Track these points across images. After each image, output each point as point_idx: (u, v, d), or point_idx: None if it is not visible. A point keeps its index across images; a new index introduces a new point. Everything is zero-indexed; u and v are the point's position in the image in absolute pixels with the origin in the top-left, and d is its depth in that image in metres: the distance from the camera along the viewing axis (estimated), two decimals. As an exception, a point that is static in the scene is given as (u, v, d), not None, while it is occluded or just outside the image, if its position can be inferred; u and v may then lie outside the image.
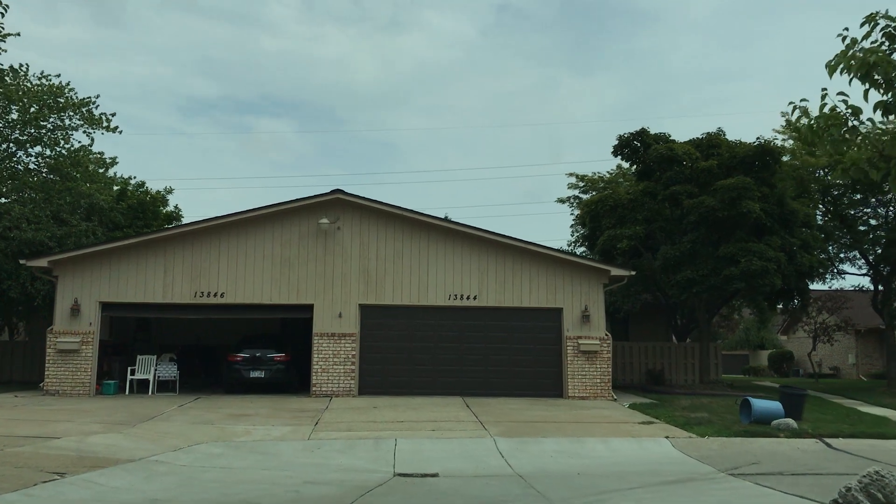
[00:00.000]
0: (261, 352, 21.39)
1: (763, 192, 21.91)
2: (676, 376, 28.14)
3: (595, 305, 21.17)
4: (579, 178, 42.50)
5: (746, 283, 21.24)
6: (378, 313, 20.86)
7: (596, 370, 20.85)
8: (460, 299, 20.88)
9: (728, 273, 21.39)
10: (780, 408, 15.52)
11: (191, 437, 13.55)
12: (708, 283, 21.89)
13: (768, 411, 15.43)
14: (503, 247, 21.14)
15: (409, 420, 15.85)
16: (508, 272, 21.12)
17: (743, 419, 15.78)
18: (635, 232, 23.24)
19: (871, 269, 27.82)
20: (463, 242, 21.10)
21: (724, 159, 23.25)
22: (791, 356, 53.49)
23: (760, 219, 21.58)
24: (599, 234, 24.40)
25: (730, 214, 21.61)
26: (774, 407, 15.55)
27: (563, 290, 21.17)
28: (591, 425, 15.60)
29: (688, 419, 16.19)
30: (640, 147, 24.26)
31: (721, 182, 21.77)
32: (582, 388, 20.74)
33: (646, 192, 23.61)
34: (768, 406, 15.55)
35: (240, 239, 20.73)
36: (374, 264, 20.82)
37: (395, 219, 21.02)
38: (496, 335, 21.06)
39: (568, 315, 21.06)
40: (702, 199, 22.01)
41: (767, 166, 22.43)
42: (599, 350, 20.90)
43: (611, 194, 24.54)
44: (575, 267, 21.24)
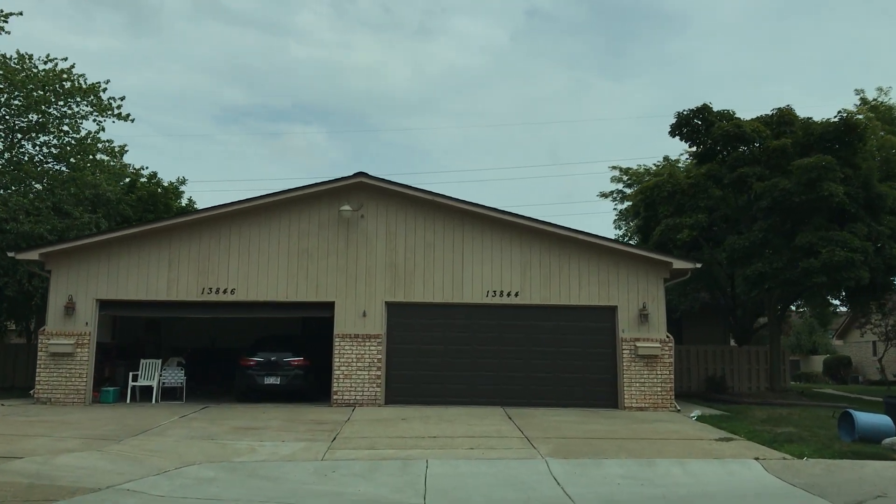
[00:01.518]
0: (276, 356, 19.37)
1: (846, 174, 19.36)
2: (739, 383, 25.55)
3: (654, 303, 18.80)
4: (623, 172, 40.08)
5: (828, 278, 18.71)
6: (407, 312, 18.73)
7: (656, 377, 18.48)
8: (500, 296, 18.67)
9: (807, 266, 18.87)
10: (889, 423, 13.07)
11: (183, 455, 11.53)
12: (783, 278, 19.40)
13: (876, 427, 12.99)
14: (548, 236, 18.89)
15: (442, 435, 13.68)
16: (554, 265, 18.85)
17: (843, 436, 13.34)
18: (697, 221, 20.82)
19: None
20: (502, 232, 18.89)
21: (799, 137, 20.73)
22: (849, 362, 50.46)
23: (843, 204, 19.04)
24: (655, 225, 22.02)
25: (808, 199, 19.10)
26: (883, 422, 13.11)
27: (618, 286, 18.83)
28: (659, 442, 13.28)
29: (773, 435, 13.79)
30: (702, 125, 21.82)
31: (798, 162, 19.27)
32: (640, 398, 18.38)
33: (709, 175, 21.16)
34: (875, 421, 13.11)
35: (252, 229, 18.74)
36: (403, 257, 18.71)
37: (425, 206, 18.88)
38: (541, 337, 18.80)
39: (623, 314, 18.73)
40: (775, 181, 19.52)
41: (849, 145, 19.86)
42: (660, 354, 18.53)
43: (668, 178, 22.12)
44: (631, 259, 18.90)
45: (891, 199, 19.94)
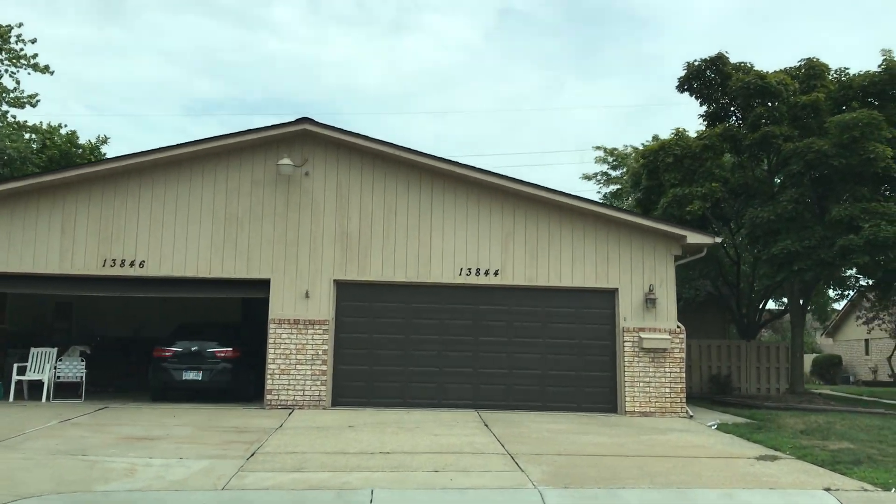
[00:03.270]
0: (200, 345, 16.00)
1: (892, 134, 16.39)
2: (748, 384, 22.63)
3: (663, 286, 15.72)
4: (608, 152, 37.08)
5: (871, 257, 15.74)
6: (361, 294, 15.46)
7: (664, 376, 15.41)
8: (477, 275, 15.46)
9: (846, 243, 15.87)
10: None
11: (21, 481, 8.17)
12: (816, 258, 16.38)
13: (974, 444, 9.93)
14: (535, 203, 15.71)
15: (398, 450, 10.44)
16: (543, 238, 15.67)
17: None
18: (711, 190, 17.76)
19: None
20: (480, 196, 15.68)
21: (832, 91, 17.74)
22: (839, 361, 48.15)
23: (890, 169, 16.07)
24: (659, 196, 18.92)
25: (847, 163, 16.10)
26: (981, 437, 10.05)
27: (619, 265, 15.72)
28: (685, 462, 10.16)
29: (831, 454, 10.74)
30: (716, 79, 18.76)
31: (837, 118, 16.28)
32: (644, 401, 15.29)
33: (725, 135, 18.08)
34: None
35: (168, 187, 15.33)
36: (357, 226, 15.41)
37: (386, 162, 15.61)
38: (525, 326, 15.65)
39: (625, 299, 15.63)
40: (809, 141, 16.49)
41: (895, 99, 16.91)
42: (669, 348, 15.45)
43: (676, 140, 19.01)
44: (635, 232, 15.78)
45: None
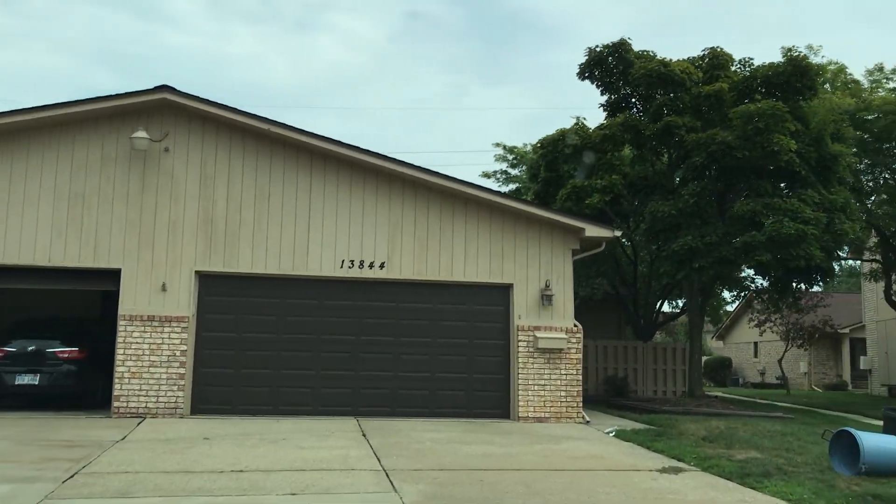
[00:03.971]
0: (39, 345, 13.94)
1: (795, 128, 15.94)
2: (645, 386, 22.07)
3: (561, 281, 14.73)
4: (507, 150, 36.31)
5: (773, 255, 15.20)
6: (227, 287, 13.80)
7: (560, 378, 14.41)
8: (360, 268, 14.05)
9: (749, 239, 15.29)
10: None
11: None
12: (717, 255, 15.75)
13: (887, 453, 9.25)
14: (426, 190, 14.45)
15: (254, 468, 8.92)
16: (434, 229, 14.42)
17: (838, 466, 9.54)
18: (611, 183, 16.92)
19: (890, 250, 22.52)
20: (366, 181, 14.29)
21: (736, 82, 17.21)
22: (729, 363, 49.22)
23: (792, 163, 15.60)
24: (558, 189, 17.99)
25: (751, 155, 15.53)
26: (893, 446, 9.38)
27: (515, 258, 14.63)
28: (581, 476, 9.07)
29: (738, 464, 9.87)
30: (619, 66, 17.98)
31: (741, 108, 15.71)
32: (539, 406, 14.25)
33: (626, 125, 17.29)
34: (884, 445, 9.39)
35: (1, 161, 13.23)
36: (224, 210, 13.75)
37: (259, 139, 14.02)
38: (413, 324, 14.36)
39: (521, 295, 14.55)
40: (713, 132, 15.85)
41: (799, 92, 16.50)
42: (566, 348, 14.47)
43: (576, 130, 18.13)
44: (532, 223, 14.74)
45: (844, 162, 16.74)
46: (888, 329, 30.32)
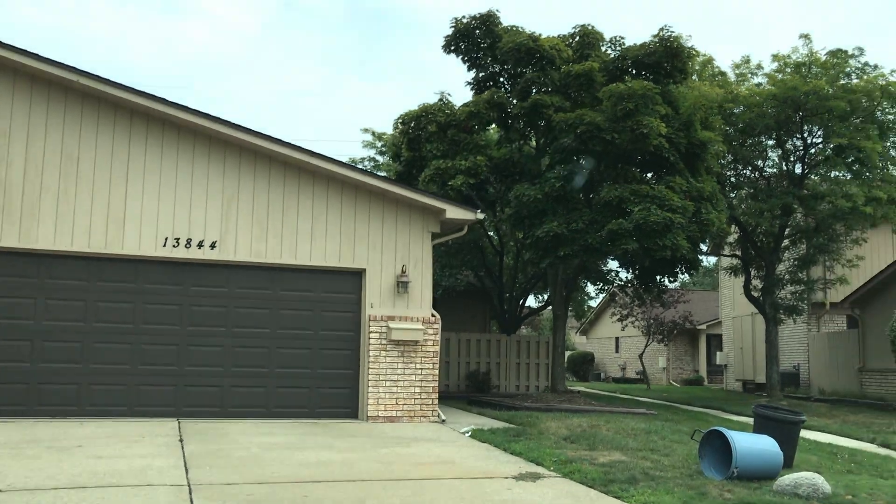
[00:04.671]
0: None
1: (665, 112, 15.37)
2: (508, 381, 21.28)
3: (419, 267, 13.48)
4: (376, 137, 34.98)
5: (640, 244, 14.55)
6: (24, 266, 11.71)
7: (415, 373, 13.17)
8: (188, 247, 12.28)
9: (615, 227, 14.57)
10: (774, 448, 8.68)
11: None
12: (583, 243, 14.96)
13: (760, 456, 8.52)
14: (268, 159, 12.84)
15: (22, 486, 7.17)
16: (276, 205, 12.82)
17: (708, 470, 8.72)
18: (475, 164, 15.83)
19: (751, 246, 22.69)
20: (197, 147, 12.52)
21: (607, 62, 16.51)
22: (592, 358, 49.95)
23: (661, 148, 15.01)
24: (421, 170, 16.76)
25: (620, 139, 14.83)
26: (766, 448, 8.70)
27: (369, 240, 13.26)
28: (425, 488, 7.83)
29: (601, 468, 8.91)
30: (486, 40, 16.92)
31: (612, 87, 14.94)
32: (391, 404, 12.95)
33: (493, 103, 16.24)
34: (758, 446, 8.65)
35: None
36: (21, 174, 11.63)
37: (68, 94, 11.96)
38: (251, 313, 12.73)
39: (374, 281, 13.20)
40: (581, 112, 15.03)
41: (670, 75, 15.96)
42: (422, 340, 13.23)
43: (440, 106, 16.93)
44: (388, 202, 13.41)
45: (713, 150, 16.35)
46: (743, 325, 31.07)
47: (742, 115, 20.42)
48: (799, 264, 22.19)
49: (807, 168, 21.73)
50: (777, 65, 20.82)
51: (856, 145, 18.95)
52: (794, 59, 20.59)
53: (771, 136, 21.83)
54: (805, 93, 19.21)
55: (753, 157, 22.18)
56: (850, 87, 19.66)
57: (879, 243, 24.52)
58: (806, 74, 20.12)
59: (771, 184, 22.17)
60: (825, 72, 19.94)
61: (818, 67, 20.11)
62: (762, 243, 22.69)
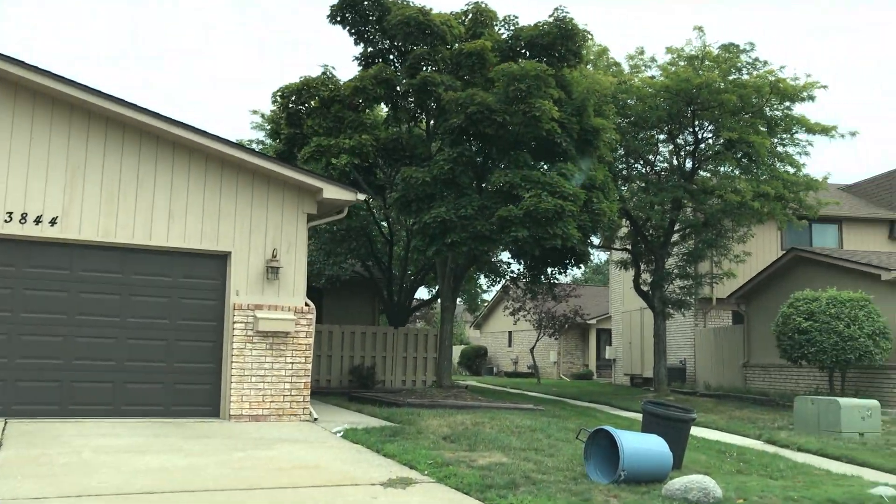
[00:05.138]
0: None
1: (559, 97, 14.77)
2: (394, 375, 20.36)
3: (292, 251, 12.37)
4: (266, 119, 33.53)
5: (531, 233, 13.89)
6: None
7: (285, 367, 12.07)
8: (22, 222, 10.78)
9: (505, 214, 13.86)
10: (663, 449, 8.10)
11: None
12: (472, 230, 14.19)
13: (649, 457, 7.91)
14: (119, 127, 11.46)
15: None
16: (129, 177, 11.45)
17: (593, 473, 8.05)
18: (361, 142, 14.81)
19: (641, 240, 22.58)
20: (35, 109, 11.00)
21: (501, 41, 15.79)
22: (485, 352, 49.81)
23: (554, 133, 14.40)
24: (301, 147, 15.60)
25: (512, 121, 14.13)
26: (655, 448, 8.10)
27: (235, 220, 12.07)
28: (282, 497, 6.84)
29: (479, 472, 8.12)
30: (373, 12, 15.90)
31: (504, 67, 14.21)
32: (257, 401, 11.81)
33: (380, 79, 15.24)
34: (646, 447, 8.03)
35: None
36: None
37: None
38: (98, 299, 11.33)
39: (240, 266, 12.02)
40: (472, 92, 14.24)
41: (564, 58, 15.37)
42: (294, 332, 12.14)
43: (325, 80, 15.80)
44: (258, 179, 12.25)
45: (605, 138, 15.87)
46: (632, 319, 31.26)
47: (635, 106, 20.20)
48: (687, 259, 22.22)
49: (697, 163, 21.76)
50: (671, 57, 20.72)
51: (745, 140, 18.98)
52: (688, 53, 20.52)
53: (663, 131, 21.77)
54: (697, 86, 19.11)
55: (646, 151, 22.04)
56: (741, 83, 19.69)
57: (765, 240, 24.93)
58: (699, 67, 20.07)
59: (662, 178, 22.11)
60: (717, 65, 19.93)
61: (710, 61, 20.09)
62: (652, 237, 22.62)
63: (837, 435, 12.71)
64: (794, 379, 20.25)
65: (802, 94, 19.71)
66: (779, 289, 20.62)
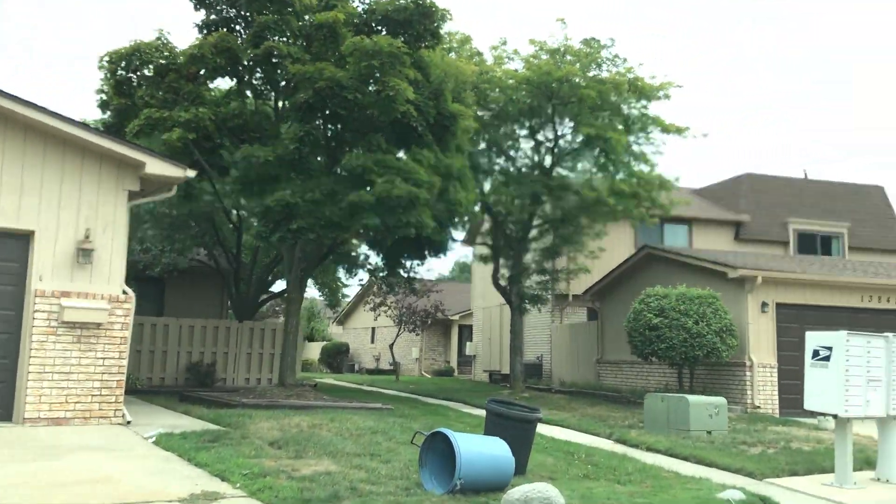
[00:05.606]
0: None
1: (415, 78, 13.93)
2: (237, 373, 18.96)
3: (108, 232, 10.91)
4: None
5: (382, 220, 12.99)
6: None
7: (95, 363, 10.62)
8: None
9: (356, 199, 12.88)
10: (504, 453, 7.38)
11: None
12: (320, 216, 13.11)
13: (489, 462, 7.16)
14: None
15: None
16: None
17: (433, 482, 7.25)
18: (198, 117, 13.43)
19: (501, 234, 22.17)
20: None
21: (356, 15, 14.77)
22: (347, 349, 48.62)
23: (409, 116, 13.54)
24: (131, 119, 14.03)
25: (365, 100, 13.17)
26: (496, 452, 7.35)
27: (42, 195, 10.51)
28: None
29: (301, 483, 7.12)
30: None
31: (355, 40, 13.22)
32: (60, 402, 10.32)
33: (220, 48, 13.87)
34: (488, 451, 7.29)
35: None
36: None
37: None
38: None
39: (46, 247, 10.47)
40: (322, 66, 13.16)
41: (422, 37, 14.54)
42: (106, 323, 10.68)
43: (159, 45, 14.27)
44: (70, 149, 10.72)
45: (463, 124, 15.18)
46: (493, 315, 31.02)
47: (497, 98, 19.73)
48: (544, 254, 22.02)
49: (556, 159, 21.57)
50: (534, 49, 20.38)
51: (602, 136, 18.87)
52: (550, 46, 20.24)
53: (524, 125, 21.44)
54: (558, 79, 18.85)
55: (509, 147, 21.67)
56: (601, 79, 19.62)
57: (620, 238, 25.14)
58: (561, 61, 19.83)
59: (522, 173, 21.79)
60: (578, 59, 19.75)
61: (572, 55, 19.88)
62: (511, 232, 22.28)
63: (686, 433, 12.53)
64: (645, 375, 20.38)
65: (659, 92, 19.84)
66: (632, 286, 20.70)
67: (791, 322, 17.40)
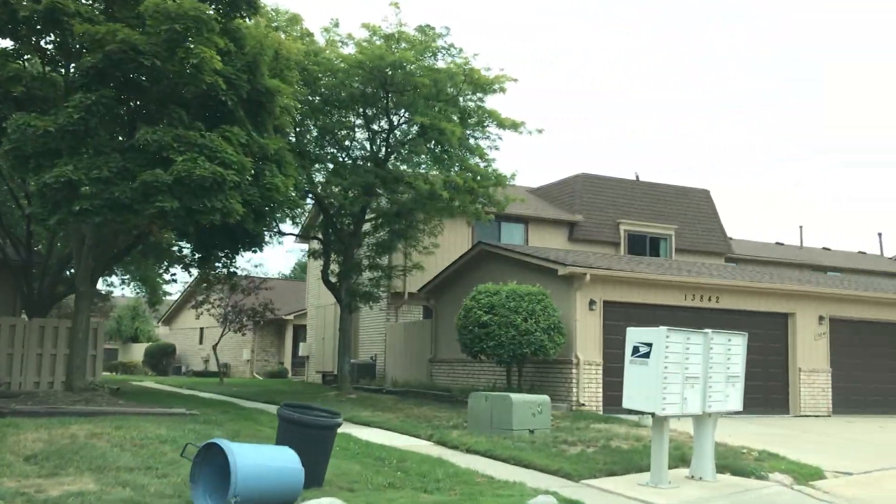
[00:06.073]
0: None
1: (227, 48, 12.64)
2: (25, 376, 16.83)
3: None
4: None
5: (182, 204, 11.63)
6: None
7: None
8: None
9: (150, 179, 11.45)
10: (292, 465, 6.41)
11: None
12: (109, 196, 11.57)
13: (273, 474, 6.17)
14: None
15: None
16: None
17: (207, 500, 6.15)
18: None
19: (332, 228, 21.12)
20: None
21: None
22: (174, 350, 45.82)
23: (217, 88, 12.24)
24: None
25: (165, 68, 11.77)
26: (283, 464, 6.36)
27: None
28: None
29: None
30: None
31: (157, 1, 11.74)
32: None
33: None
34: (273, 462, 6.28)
35: None
36: None
37: None
38: None
39: None
40: (113, 26, 11.63)
41: (237, 5, 13.24)
42: None
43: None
44: None
45: (281, 103, 14.00)
46: (326, 314, 29.86)
47: (329, 83, 18.69)
48: (378, 250, 21.18)
49: (391, 149, 20.79)
50: (367, 34, 19.49)
51: (437, 126, 18.25)
52: (385, 31, 19.43)
53: (358, 114, 20.53)
54: (391, 64, 18.05)
55: (342, 137, 20.67)
56: (436, 68, 19.04)
57: (457, 235, 24.71)
58: (396, 48, 19.06)
59: (356, 162, 20.86)
60: (413, 47, 19.06)
61: (406, 42, 19.16)
62: (343, 226, 21.28)
63: (508, 433, 12.02)
64: (475, 374, 19.94)
65: (494, 85, 19.48)
66: (466, 283, 20.23)
67: (618, 320, 17.41)
